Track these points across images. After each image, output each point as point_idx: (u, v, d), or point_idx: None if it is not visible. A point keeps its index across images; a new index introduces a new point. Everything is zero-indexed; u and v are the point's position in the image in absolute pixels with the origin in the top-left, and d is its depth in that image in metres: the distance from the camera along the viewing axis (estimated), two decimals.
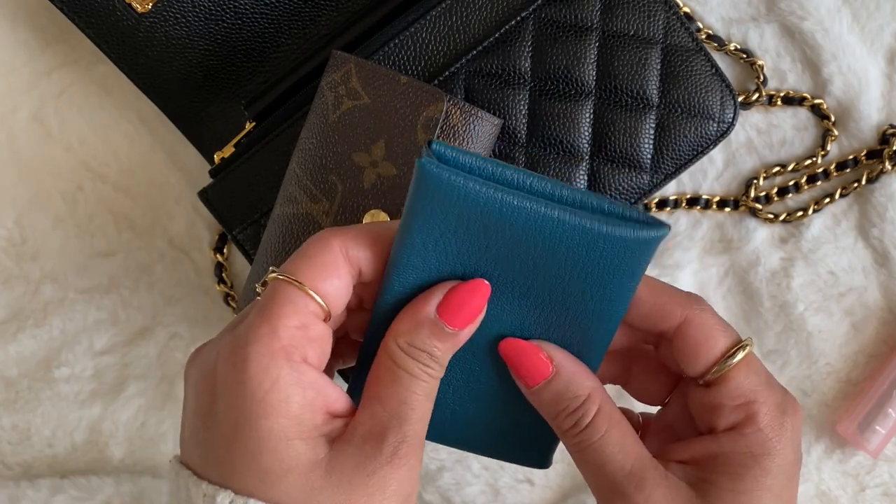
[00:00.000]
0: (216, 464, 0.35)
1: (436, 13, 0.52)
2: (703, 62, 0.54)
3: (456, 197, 0.35)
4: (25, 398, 0.60)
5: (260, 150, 0.53)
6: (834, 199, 0.58)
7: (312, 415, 0.35)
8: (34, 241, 0.60)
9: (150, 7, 0.54)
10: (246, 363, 0.35)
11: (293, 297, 0.35)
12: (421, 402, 0.36)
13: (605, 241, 0.35)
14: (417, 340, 0.36)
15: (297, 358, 0.35)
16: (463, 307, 0.36)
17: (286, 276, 0.36)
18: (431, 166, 0.34)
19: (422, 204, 0.35)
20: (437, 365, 0.37)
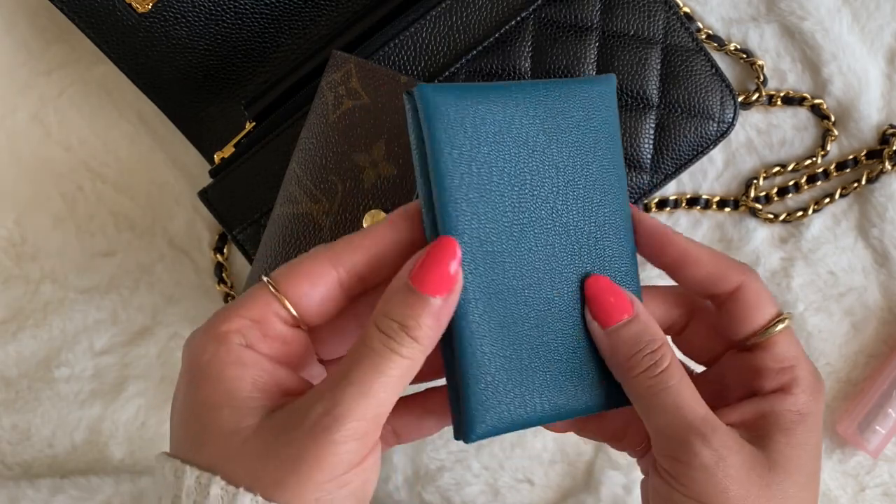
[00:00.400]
0: (174, 438, 0.37)
1: (436, 13, 0.52)
2: (703, 62, 0.54)
3: (465, 109, 0.37)
4: (25, 398, 0.60)
5: (260, 150, 0.53)
6: (834, 199, 0.58)
7: (250, 390, 0.35)
8: (34, 241, 0.60)
9: (150, 7, 0.54)
10: (192, 342, 0.37)
11: (258, 295, 0.37)
12: (373, 379, 0.34)
13: (581, 92, 0.40)
14: (388, 309, 0.35)
15: (237, 341, 0.36)
16: (433, 268, 0.35)
17: (266, 278, 0.37)
18: (431, 91, 0.37)
19: (438, 133, 0.37)
20: (408, 340, 0.35)
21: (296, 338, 0.38)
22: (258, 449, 0.34)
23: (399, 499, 0.60)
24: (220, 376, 0.35)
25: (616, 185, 0.41)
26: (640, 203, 0.55)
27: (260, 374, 0.36)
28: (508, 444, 0.59)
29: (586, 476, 0.59)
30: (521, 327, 0.38)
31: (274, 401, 0.36)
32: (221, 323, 0.36)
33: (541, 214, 0.39)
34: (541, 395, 0.39)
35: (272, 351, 0.37)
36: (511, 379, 0.38)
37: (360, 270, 0.37)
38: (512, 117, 0.38)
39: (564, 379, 0.39)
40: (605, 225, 0.40)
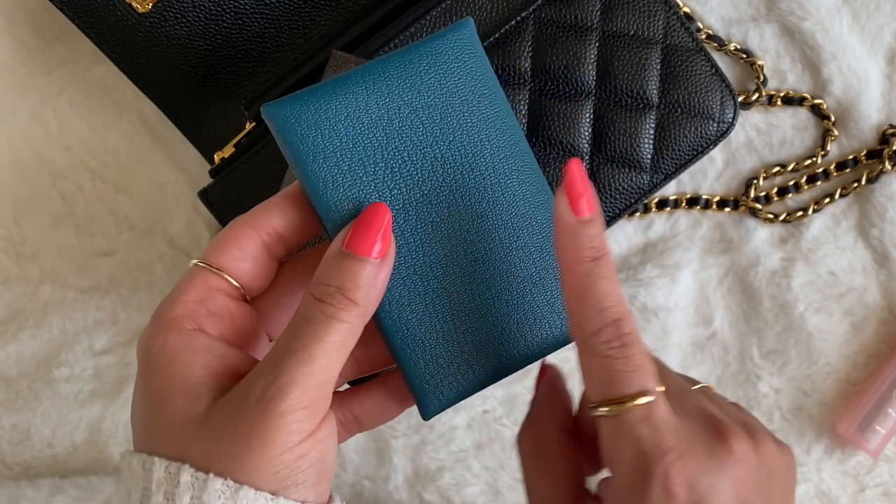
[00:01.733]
0: (135, 434, 0.37)
1: (436, 13, 0.52)
2: (703, 62, 0.54)
3: (316, 114, 0.37)
4: (25, 398, 0.60)
5: (260, 150, 0.53)
6: (834, 199, 0.58)
7: (201, 374, 0.36)
8: (34, 240, 0.60)
9: (150, 7, 0.54)
10: (143, 335, 0.37)
11: (193, 274, 0.37)
12: (313, 346, 0.34)
13: (434, 51, 0.39)
14: (323, 276, 0.36)
15: (188, 326, 0.36)
16: (366, 231, 0.36)
17: (196, 260, 0.38)
18: (275, 108, 0.37)
19: (295, 147, 0.37)
20: (346, 302, 0.35)
21: (243, 312, 0.38)
22: (213, 431, 0.34)
23: (399, 499, 0.60)
24: (171, 365, 0.36)
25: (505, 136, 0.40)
26: (640, 203, 0.55)
27: (210, 358, 0.36)
28: (509, 443, 0.59)
29: None
30: (443, 299, 0.39)
31: (227, 383, 0.36)
32: (166, 311, 0.37)
33: (435, 188, 0.39)
34: (479, 358, 0.39)
35: (221, 330, 0.37)
36: (448, 351, 0.39)
37: (280, 231, 0.38)
38: (367, 104, 0.38)
39: (497, 338, 0.40)
40: (506, 177, 0.39)
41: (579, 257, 0.36)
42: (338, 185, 0.37)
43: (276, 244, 0.38)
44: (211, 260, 0.37)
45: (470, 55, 0.39)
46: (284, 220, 0.38)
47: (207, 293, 0.37)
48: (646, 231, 0.59)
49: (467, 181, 0.39)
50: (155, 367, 0.36)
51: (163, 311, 0.37)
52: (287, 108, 0.37)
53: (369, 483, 0.60)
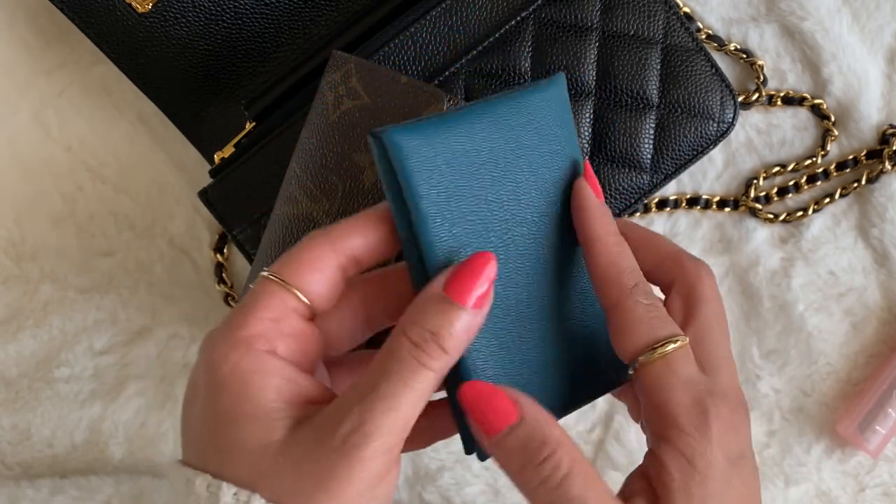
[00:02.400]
0: (192, 449, 0.36)
1: (436, 13, 0.52)
2: (703, 62, 0.54)
3: (437, 147, 0.36)
4: (25, 398, 0.60)
5: (260, 150, 0.53)
6: (834, 199, 0.58)
7: (274, 399, 0.35)
8: (34, 241, 0.60)
9: (150, 7, 0.54)
10: (212, 351, 0.36)
11: (270, 291, 0.36)
12: (401, 394, 0.34)
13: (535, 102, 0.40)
14: (419, 318, 0.35)
15: (261, 347, 0.35)
16: (470, 279, 0.35)
17: (269, 273, 0.36)
18: (401, 136, 0.35)
19: (414, 178, 0.35)
20: (438, 351, 0.34)
21: (310, 334, 0.37)
22: (289, 465, 0.34)
23: (399, 499, 0.60)
24: (244, 387, 0.35)
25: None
26: (640, 203, 0.55)
27: (282, 384, 0.35)
28: None
29: None
30: (514, 341, 0.38)
31: (298, 411, 0.35)
32: (240, 328, 0.35)
33: (524, 235, 0.39)
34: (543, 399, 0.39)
35: (292, 352, 0.36)
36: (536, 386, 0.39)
37: (358, 253, 0.37)
38: (479, 145, 0.37)
39: (563, 383, 0.40)
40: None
41: (609, 230, 0.39)
42: (446, 223, 0.36)
43: (351, 265, 0.37)
44: (287, 277, 0.36)
45: (562, 109, 0.41)
46: (366, 242, 0.37)
47: (283, 312, 0.36)
48: None
49: (551, 232, 0.39)
50: (225, 387, 0.35)
51: (236, 326, 0.36)
52: (412, 137, 0.35)
53: None
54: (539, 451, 0.34)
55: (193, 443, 0.36)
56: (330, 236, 0.37)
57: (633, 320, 0.37)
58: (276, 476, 0.34)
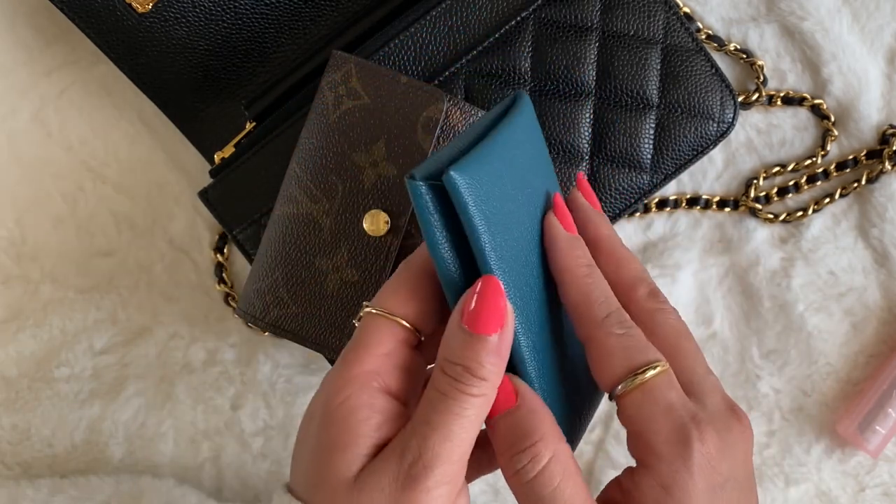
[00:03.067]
0: (298, 474, 0.37)
1: (436, 13, 0.52)
2: (703, 62, 0.54)
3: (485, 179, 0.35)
4: (25, 398, 0.60)
5: (260, 150, 0.53)
6: (834, 199, 0.58)
7: (371, 435, 0.36)
8: (34, 241, 0.60)
9: (151, 7, 0.54)
10: (329, 385, 0.37)
11: (378, 325, 0.37)
12: (452, 422, 0.35)
13: (526, 121, 0.40)
14: (448, 354, 0.35)
15: (375, 384, 0.36)
16: (483, 307, 0.35)
17: (373, 308, 0.37)
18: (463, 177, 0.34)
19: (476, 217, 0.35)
20: (475, 381, 0.35)
21: (417, 364, 0.38)
22: (363, 499, 0.35)
23: None
24: (349, 421, 0.36)
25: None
26: (640, 203, 0.55)
27: (386, 421, 0.36)
28: None
29: (586, 476, 0.59)
30: (551, 359, 0.39)
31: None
32: (355, 364, 0.36)
33: (538, 255, 0.39)
34: (580, 414, 0.41)
35: (401, 386, 0.37)
36: (557, 408, 0.39)
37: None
38: (513, 167, 0.37)
39: (589, 391, 0.41)
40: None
41: (578, 262, 0.38)
42: (495, 250, 0.36)
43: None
44: (392, 308, 0.37)
45: (535, 125, 0.42)
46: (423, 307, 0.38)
47: (392, 345, 0.37)
48: (646, 231, 0.59)
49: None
50: (334, 420, 0.36)
51: (351, 362, 0.36)
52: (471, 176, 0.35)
53: None
54: (522, 439, 0.35)
55: (300, 470, 0.37)
56: (415, 264, 0.38)
57: (607, 352, 0.37)
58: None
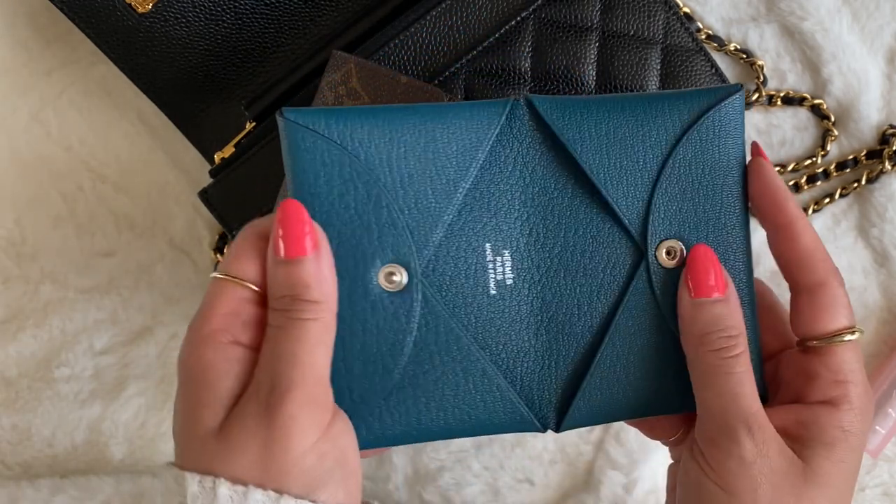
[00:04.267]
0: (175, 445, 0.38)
1: (436, 13, 0.52)
2: (703, 62, 0.54)
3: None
4: (25, 398, 0.60)
5: (260, 150, 0.53)
6: (834, 199, 0.58)
7: (232, 386, 0.36)
8: (34, 241, 0.60)
9: (150, 7, 0.54)
10: (181, 352, 0.38)
11: (220, 288, 0.38)
12: (295, 349, 0.36)
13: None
14: (274, 290, 0.37)
15: (224, 339, 0.37)
16: (287, 234, 0.36)
17: (217, 273, 0.38)
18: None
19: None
20: (306, 304, 0.36)
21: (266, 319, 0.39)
22: (233, 445, 0.35)
23: (399, 499, 0.60)
24: (204, 376, 0.36)
25: None
26: None
27: (244, 369, 0.37)
28: (508, 444, 0.59)
29: (586, 476, 0.59)
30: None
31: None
32: (201, 326, 0.37)
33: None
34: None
35: (253, 338, 0.38)
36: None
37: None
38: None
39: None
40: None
41: (801, 212, 0.41)
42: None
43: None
44: (234, 272, 0.38)
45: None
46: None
47: (238, 305, 0.37)
48: None
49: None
50: (191, 379, 0.37)
51: (198, 327, 0.37)
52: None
53: (369, 483, 0.60)
54: (728, 329, 0.38)
55: (176, 438, 0.38)
56: (260, 226, 0.38)
57: (839, 300, 0.40)
58: (227, 456, 0.35)
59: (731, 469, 0.37)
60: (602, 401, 0.40)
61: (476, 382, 0.39)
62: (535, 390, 0.40)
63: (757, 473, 0.37)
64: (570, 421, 0.40)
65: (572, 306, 0.40)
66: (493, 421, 0.39)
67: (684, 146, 0.40)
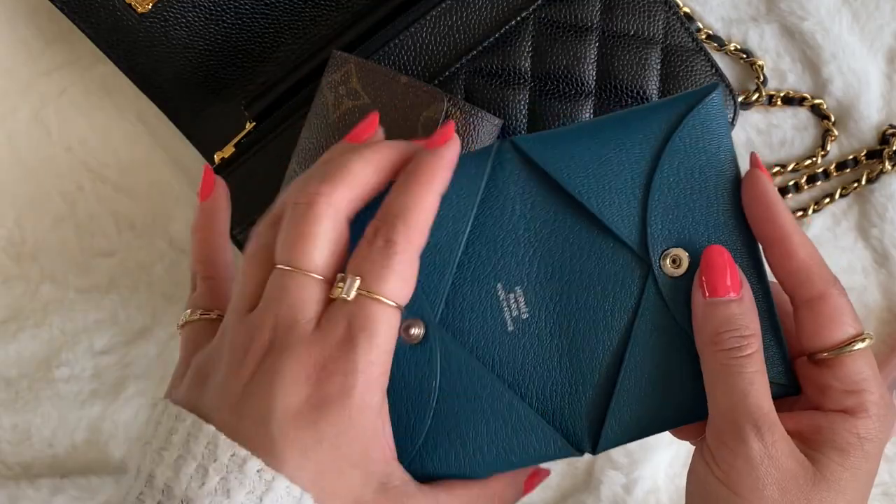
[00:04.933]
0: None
1: (436, 13, 0.52)
2: (703, 62, 0.54)
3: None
4: (25, 398, 0.60)
5: (260, 150, 0.53)
6: (834, 199, 0.58)
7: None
8: (34, 241, 0.60)
9: (150, 7, 0.54)
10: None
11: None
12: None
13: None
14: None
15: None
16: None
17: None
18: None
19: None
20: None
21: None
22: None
23: None
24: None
25: None
26: None
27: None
28: None
29: (586, 476, 0.59)
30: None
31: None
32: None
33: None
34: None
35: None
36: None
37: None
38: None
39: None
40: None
41: (797, 226, 0.40)
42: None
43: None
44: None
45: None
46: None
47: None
48: None
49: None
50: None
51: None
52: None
53: None
54: (741, 329, 0.38)
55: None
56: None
57: (842, 311, 0.39)
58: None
59: (737, 468, 0.37)
60: (632, 416, 0.40)
61: (506, 418, 0.40)
62: (567, 417, 0.40)
63: (763, 474, 0.37)
64: (605, 441, 0.40)
65: (589, 330, 0.40)
66: (530, 453, 0.40)
67: (669, 155, 0.40)
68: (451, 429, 0.40)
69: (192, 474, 0.35)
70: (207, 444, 0.35)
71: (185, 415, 0.36)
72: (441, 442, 0.40)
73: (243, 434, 0.35)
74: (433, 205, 0.38)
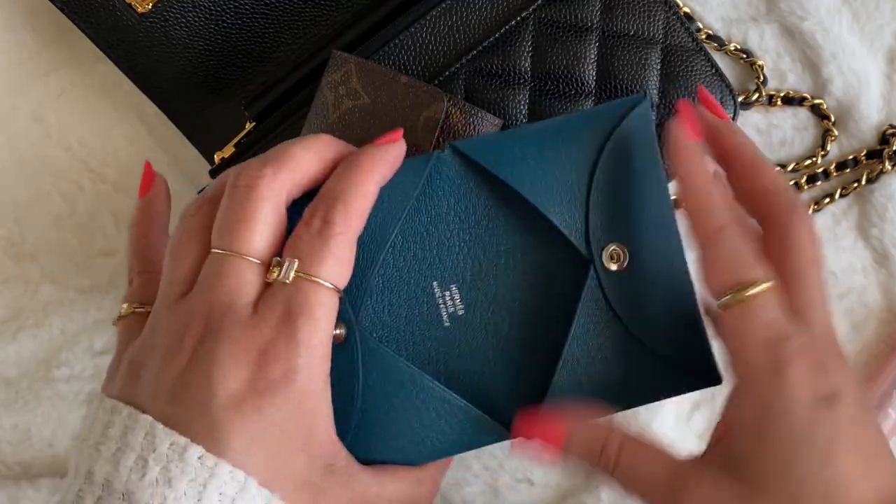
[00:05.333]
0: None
1: (436, 13, 0.52)
2: (703, 62, 0.54)
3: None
4: (25, 398, 0.60)
5: (260, 150, 0.53)
6: (834, 199, 0.58)
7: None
8: (34, 241, 0.60)
9: (150, 7, 0.54)
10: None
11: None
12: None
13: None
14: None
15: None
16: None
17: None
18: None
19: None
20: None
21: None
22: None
23: None
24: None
25: None
26: None
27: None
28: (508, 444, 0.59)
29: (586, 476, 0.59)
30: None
31: None
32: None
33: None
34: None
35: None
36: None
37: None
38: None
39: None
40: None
41: (697, 171, 0.39)
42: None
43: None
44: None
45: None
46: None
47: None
48: None
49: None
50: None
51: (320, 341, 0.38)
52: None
53: None
54: (595, 447, 0.38)
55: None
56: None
57: (714, 261, 0.38)
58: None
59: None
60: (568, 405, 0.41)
61: (438, 409, 0.41)
62: (504, 405, 0.41)
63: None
64: None
65: (528, 324, 0.41)
66: (463, 439, 0.41)
67: (604, 160, 0.41)
68: (378, 426, 0.40)
69: (131, 466, 0.34)
70: (145, 434, 0.34)
71: (121, 407, 0.35)
72: (370, 439, 0.40)
73: (183, 422, 0.34)
74: (372, 193, 0.38)
